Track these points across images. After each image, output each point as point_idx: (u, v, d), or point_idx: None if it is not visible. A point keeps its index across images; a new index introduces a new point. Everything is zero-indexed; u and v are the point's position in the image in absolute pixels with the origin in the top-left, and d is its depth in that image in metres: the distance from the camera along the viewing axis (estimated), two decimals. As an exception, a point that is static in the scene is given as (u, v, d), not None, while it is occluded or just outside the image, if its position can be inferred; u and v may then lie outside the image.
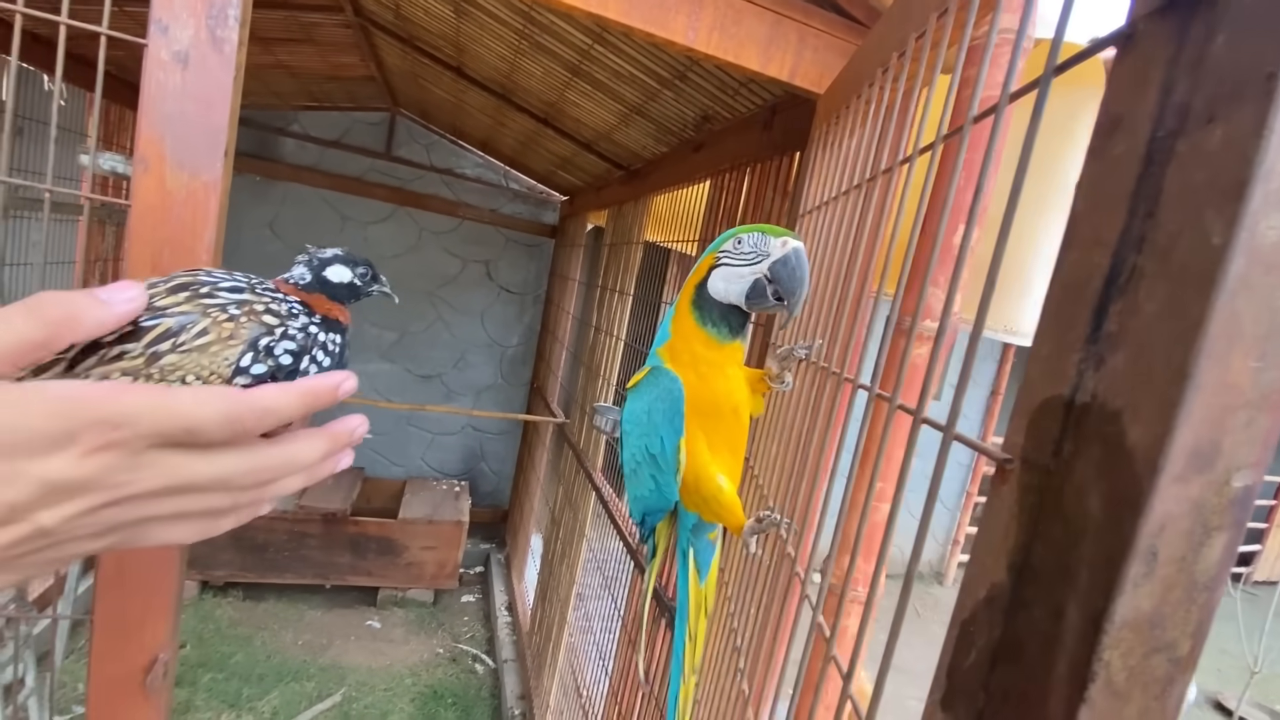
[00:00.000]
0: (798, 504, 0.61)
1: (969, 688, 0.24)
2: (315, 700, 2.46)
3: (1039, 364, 0.25)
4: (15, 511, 0.27)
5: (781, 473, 0.69)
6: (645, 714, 1.32)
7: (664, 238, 1.94)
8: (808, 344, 0.62)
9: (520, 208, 3.73)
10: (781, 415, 0.72)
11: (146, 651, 0.71)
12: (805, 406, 0.64)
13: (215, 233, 0.67)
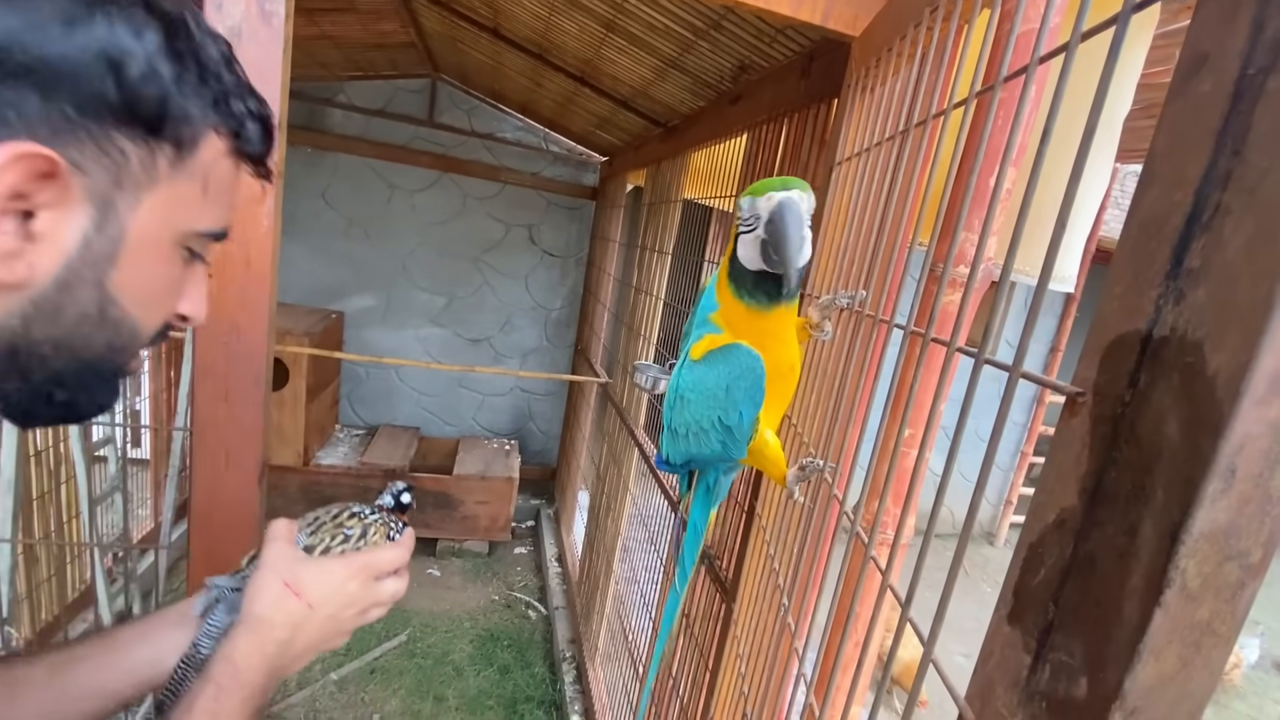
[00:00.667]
0: (841, 448, 0.63)
1: (1038, 602, 0.25)
2: (384, 639, 2.66)
3: (1113, 302, 0.25)
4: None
5: (820, 420, 0.71)
6: (685, 654, 1.39)
7: (703, 194, 1.93)
8: (850, 293, 0.63)
9: (560, 170, 3.74)
10: (821, 363, 0.73)
11: (236, 580, 0.80)
12: (843, 352, 0.65)
13: (275, 202, 0.72)
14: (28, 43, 0.29)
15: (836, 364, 0.65)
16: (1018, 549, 0.28)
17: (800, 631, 0.67)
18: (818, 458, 0.67)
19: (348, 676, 2.43)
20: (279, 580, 0.51)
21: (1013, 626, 0.27)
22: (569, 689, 2.43)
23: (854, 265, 0.67)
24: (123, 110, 0.33)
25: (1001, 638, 0.27)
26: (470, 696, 2.42)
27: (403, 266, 3.69)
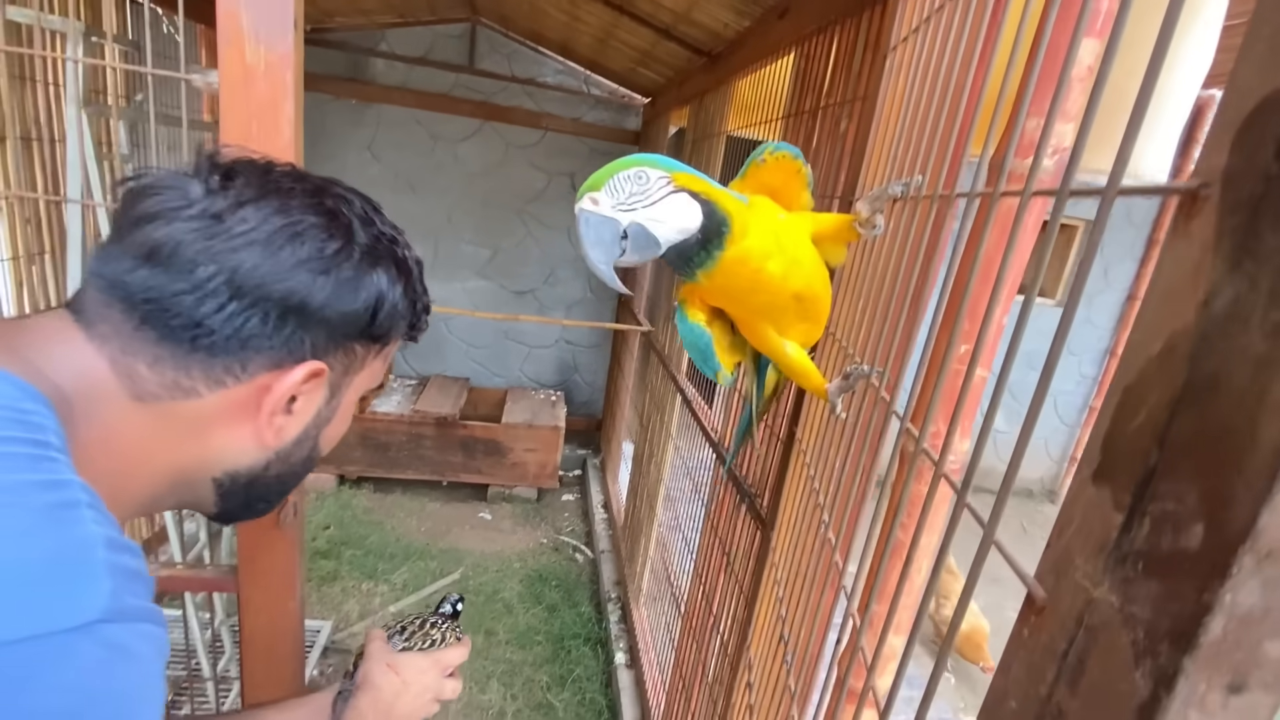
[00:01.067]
0: (890, 355, 0.58)
1: (1135, 449, 0.20)
2: (438, 576, 2.78)
3: (1253, 63, 0.19)
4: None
5: (868, 327, 0.65)
6: (726, 590, 1.38)
7: (747, 124, 1.82)
8: (904, 180, 0.56)
9: (603, 114, 3.64)
10: (868, 263, 0.67)
11: (278, 495, 0.81)
12: (894, 248, 0.59)
13: (294, 106, 0.70)
14: (332, 303, 0.44)
15: (887, 261, 0.59)
16: (1107, 399, 0.23)
17: (841, 546, 0.63)
18: (863, 364, 0.62)
19: (405, 610, 2.56)
20: (383, 662, 0.68)
21: (1099, 485, 0.22)
22: (614, 627, 2.49)
23: (909, 152, 0.60)
24: (368, 332, 0.47)
25: (1084, 501, 0.23)
26: (519, 631, 2.51)
27: (448, 219, 3.71)
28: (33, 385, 0.35)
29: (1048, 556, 0.24)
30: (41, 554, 0.30)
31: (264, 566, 0.84)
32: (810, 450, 0.78)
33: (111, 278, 0.39)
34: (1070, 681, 0.21)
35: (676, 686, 1.79)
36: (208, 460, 0.45)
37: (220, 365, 0.41)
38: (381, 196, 1.52)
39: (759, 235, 0.58)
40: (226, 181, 0.42)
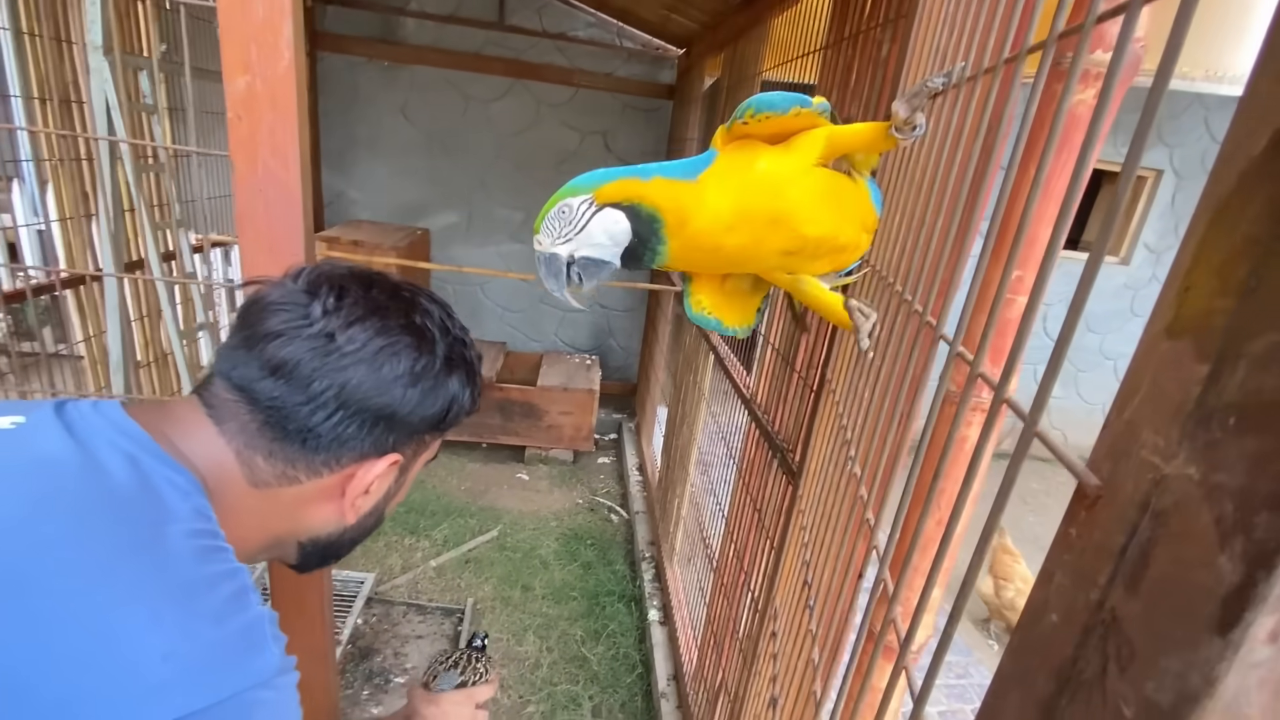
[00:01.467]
0: (935, 277, 0.52)
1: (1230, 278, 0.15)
2: (477, 533, 2.85)
3: None
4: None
5: (909, 248, 0.59)
6: (757, 547, 1.35)
7: (784, 62, 1.72)
8: (946, 70, 0.50)
9: (636, 68, 3.52)
10: (904, 174, 0.61)
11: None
12: (936, 149, 0.53)
13: (294, 28, 0.67)
14: (415, 409, 0.51)
15: (927, 167, 0.53)
16: (1187, 235, 0.18)
17: (874, 502, 0.59)
18: (864, 303, 0.57)
19: (445, 565, 2.63)
20: (426, 699, 0.78)
21: (1176, 338, 0.17)
22: (648, 585, 2.51)
23: (953, 45, 0.53)
24: (439, 426, 0.54)
25: (1154, 362, 0.18)
26: (555, 587, 2.56)
27: (481, 182, 3.69)
28: (190, 473, 0.45)
29: (1103, 440, 0.19)
30: (236, 632, 0.40)
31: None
32: (840, 390, 0.73)
33: (240, 382, 0.48)
34: (1130, 581, 0.17)
35: (708, 643, 1.79)
36: (298, 530, 0.54)
37: (319, 459, 0.50)
38: (416, 161, 1.53)
39: (710, 214, 0.56)
40: (339, 301, 0.49)
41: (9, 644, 0.34)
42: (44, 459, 0.41)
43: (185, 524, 0.42)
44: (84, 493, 0.40)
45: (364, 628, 2.26)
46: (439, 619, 2.35)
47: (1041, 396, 0.22)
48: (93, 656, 0.35)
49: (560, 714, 2.05)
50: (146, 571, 0.39)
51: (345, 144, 3.55)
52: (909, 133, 0.53)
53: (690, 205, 0.56)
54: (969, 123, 0.49)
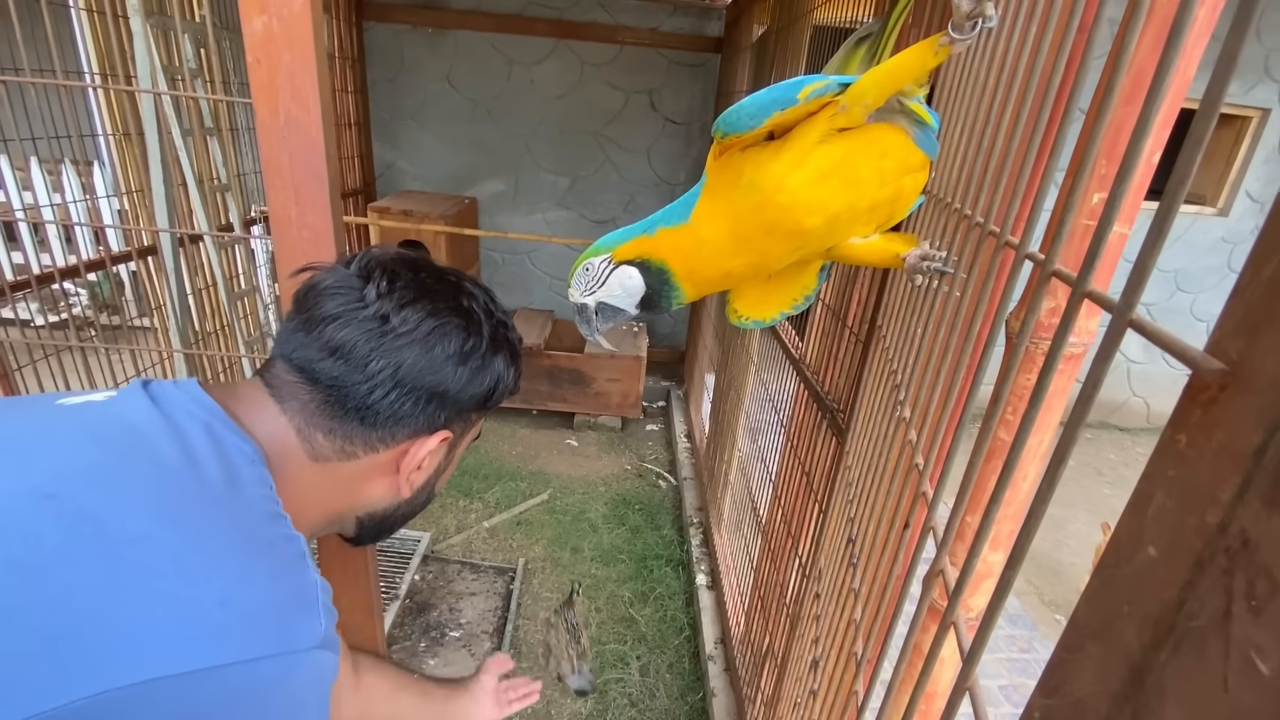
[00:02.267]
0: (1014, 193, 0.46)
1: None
2: (528, 496, 2.90)
3: None
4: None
5: (972, 162, 0.52)
6: (805, 511, 1.30)
7: (835, 9, 1.59)
8: None
9: (682, 21, 3.38)
10: (971, 79, 0.53)
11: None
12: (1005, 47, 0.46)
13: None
14: (464, 387, 0.54)
15: (995, 68, 0.46)
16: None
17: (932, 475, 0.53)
18: (940, 252, 0.50)
19: (497, 526, 2.70)
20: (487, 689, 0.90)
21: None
22: (695, 550, 2.50)
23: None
24: (485, 406, 0.58)
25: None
26: (604, 550, 2.58)
27: (527, 148, 3.67)
28: (254, 444, 0.48)
29: (1231, 311, 0.14)
30: (290, 592, 0.43)
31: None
32: (891, 336, 0.66)
33: (301, 363, 0.50)
34: (1270, 493, 0.12)
35: (755, 608, 1.77)
36: (356, 505, 0.57)
37: (376, 436, 0.52)
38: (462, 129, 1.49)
39: (709, 250, 0.59)
40: (391, 285, 0.51)
41: (83, 574, 0.36)
42: (132, 423, 0.45)
43: (251, 488, 0.46)
44: (165, 451, 0.44)
45: (420, 584, 2.35)
46: (491, 577, 2.42)
47: (1137, 278, 0.17)
48: (155, 593, 0.37)
49: (608, 671, 2.08)
50: (216, 523, 0.42)
51: (393, 114, 3.58)
52: (968, 31, 0.46)
53: (689, 249, 0.60)
54: (1040, 7, 0.41)
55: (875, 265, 0.56)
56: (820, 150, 0.51)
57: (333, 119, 0.73)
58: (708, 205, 0.57)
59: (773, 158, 0.53)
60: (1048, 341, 0.61)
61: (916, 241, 0.54)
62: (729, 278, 0.60)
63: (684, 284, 0.60)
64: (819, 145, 0.52)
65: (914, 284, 0.54)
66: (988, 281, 0.37)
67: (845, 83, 0.52)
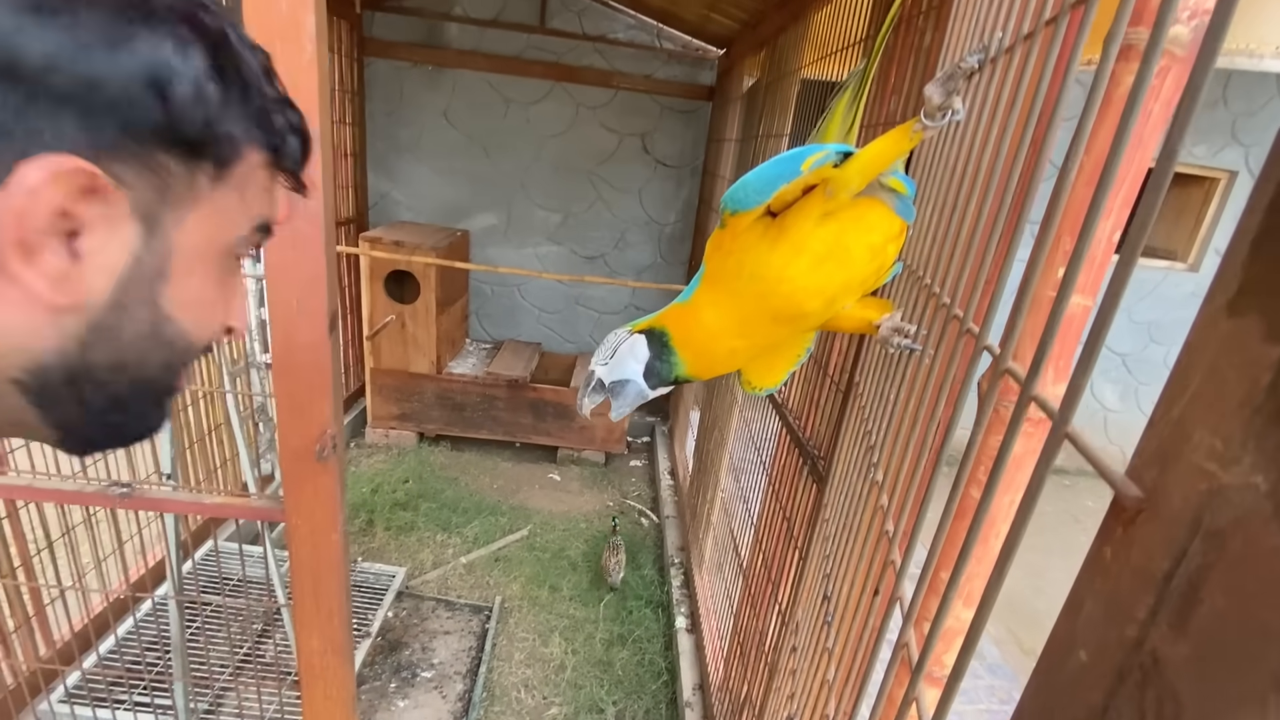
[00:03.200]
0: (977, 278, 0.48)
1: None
2: (507, 532, 2.86)
3: None
4: None
5: (940, 243, 0.55)
6: (785, 557, 1.30)
7: (824, 54, 1.67)
8: (980, 45, 0.46)
9: (675, 70, 3.50)
10: (938, 162, 0.57)
11: (317, 426, 0.82)
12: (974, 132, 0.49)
13: (317, 20, 0.67)
14: (68, 63, 0.28)
15: (962, 148, 0.49)
16: (1255, 194, 0.14)
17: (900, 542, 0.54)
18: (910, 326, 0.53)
19: (475, 562, 2.65)
20: None
21: (1240, 315, 0.14)
22: (676, 592, 2.47)
23: (993, 19, 0.49)
24: (168, 131, 0.32)
25: (1213, 347, 0.14)
26: (583, 589, 2.54)
27: (521, 184, 3.73)
28: None
29: (1147, 442, 0.16)
30: None
31: (307, 499, 0.86)
32: (867, 394, 0.68)
33: None
34: (1176, 618, 0.14)
35: (734, 654, 1.75)
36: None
37: None
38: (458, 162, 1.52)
39: (711, 329, 0.61)
40: None
41: None
42: None
43: None
44: None
45: (394, 621, 2.29)
46: (467, 616, 2.37)
47: (1073, 392, 0.19)
48: None
49: (583, 717, 2.03)
50: None
51: (389, 147, 3.64)
52: (939, 119, 0.49)
53: (689, 321, 0.62)
54: (1004, 100, 0.44)
55: (852, 332, 0.58)
56: (815, 235, 0.54)
57: (331, 165, 0.75)
58: (708, 292, 0.60)
59: (771, 249, 0.55)
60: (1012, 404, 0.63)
61: (890, 308, 0.56)
62: (734, 355, 0.62)
63: (682, 351, 0.62)
64: (814, 230, 0.54)
65: (887, 351, 0.56)
66: (953, 360, 0.39)
67: (843, 151, 0.55)
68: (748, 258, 0.56)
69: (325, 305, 0.77)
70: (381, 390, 3.40)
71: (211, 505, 0.88)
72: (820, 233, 0.54)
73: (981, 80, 0.48)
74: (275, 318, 0.78)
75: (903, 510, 0.39)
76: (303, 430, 0.82)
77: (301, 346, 0.79)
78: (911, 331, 0.50)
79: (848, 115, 0.75)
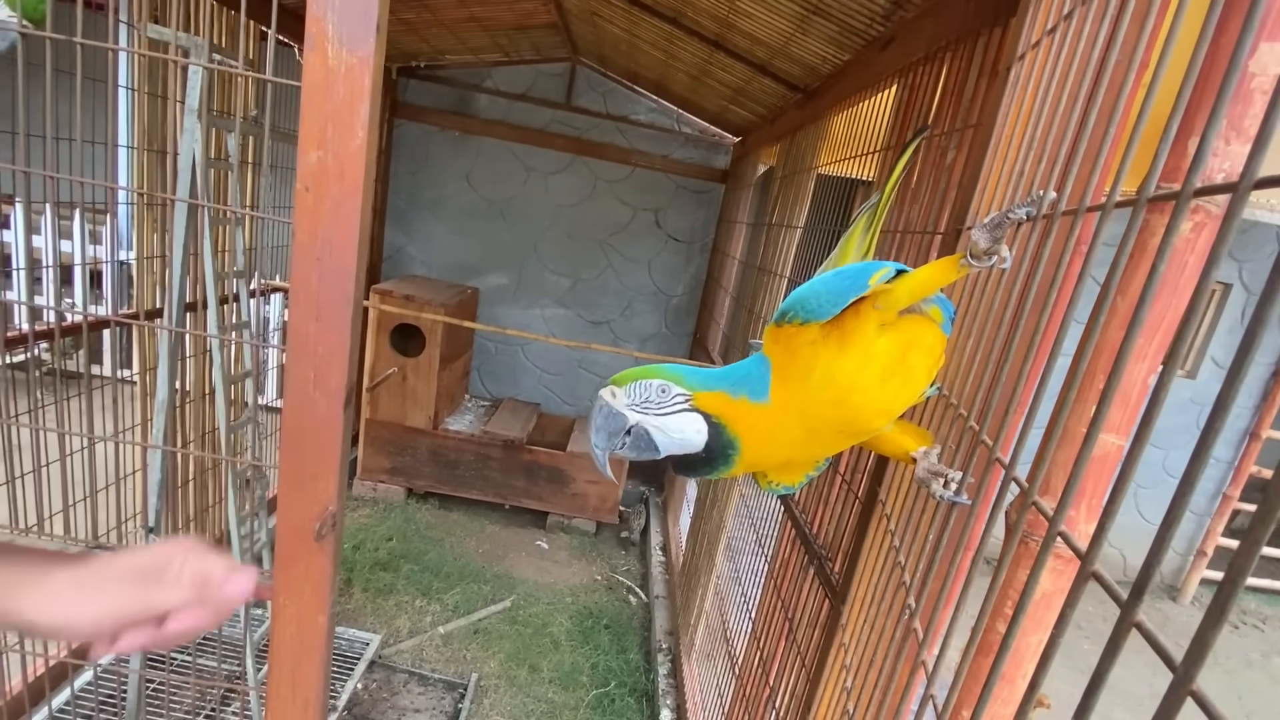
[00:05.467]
0: (1006, 412, 0.48)
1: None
2: (489, 602, 2.74)
3: None
4: None
5: (977, 378, 0.55)
6: (786, 660, 1.24)
7: (842, 157, 1.74)
8: (1030, 199, 0.47)
9: (692, 152, 3.65)
10: (979, 303, 0.57)
11: (319, 503, 0.79)
12: (1011, 280, 0.49)
13: (370, 108, 0.69)
14: None
15: (1003, 296, 0.49)
16: None
17: (931, 642, 0.52)
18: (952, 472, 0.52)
19: (453, 633, 2.53)
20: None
21: None
22: (662, 681, 2.34)
23: (1039, 168, 0.50)
24: None
25: None
26: (564, 671, 2.42)
27: (534, 247, 3.81)
28: None
29: None
30: None
31: (298, 578, 0.82)
32: (896, 516, 0.67)
33: None
34: None
35: (723, 759, 1.64)
36: None
37: None
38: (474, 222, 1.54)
39: (781, 439, 0.57)
40: None
41: None
42: None
43: None
44: None
45: (363, 694, 2.16)
46: (440, 692, 2.24)
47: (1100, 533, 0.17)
48: None
49: (555, 819, 1.88)
50: None
51: (410, 204, 3.73)
52: (984, 262, 0.50)
53: (763, 431, 0.57)
54: (1046, 256, 0.45)
55: (888, 455, 0.57)
56: (878, 346, 0.54)
57: (367, 248, 0.76)
58: (782, 391, 0.56)
59: (840, 353, 0.54)
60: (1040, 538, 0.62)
61: (928, 438, 0.55)
62: (787, 465, 0.60)
63: (741, 464, 0.58)
64: (875, 339, 0.54)
65: (928, 489, 0.54)
66: (981, 489, 0.38)
67: (901, 269, 0.55)
68: (818, 361, 0.54)
69: (343, 381, 0.76)
70: (375, 442, 3.35)
71: (196, 577, 0.83)
72: (883, 344, 0.54)
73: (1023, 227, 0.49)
74: (290, 390, 0.77)
75: (939, 641, 0.37)
76: (303, 506, 0.79)
77: (313, 421, 0.77)
78: (954, 479, 0.49)
79: (864, 239, 0.77)
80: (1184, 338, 0.35)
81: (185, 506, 2.08)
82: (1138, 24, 0.50)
